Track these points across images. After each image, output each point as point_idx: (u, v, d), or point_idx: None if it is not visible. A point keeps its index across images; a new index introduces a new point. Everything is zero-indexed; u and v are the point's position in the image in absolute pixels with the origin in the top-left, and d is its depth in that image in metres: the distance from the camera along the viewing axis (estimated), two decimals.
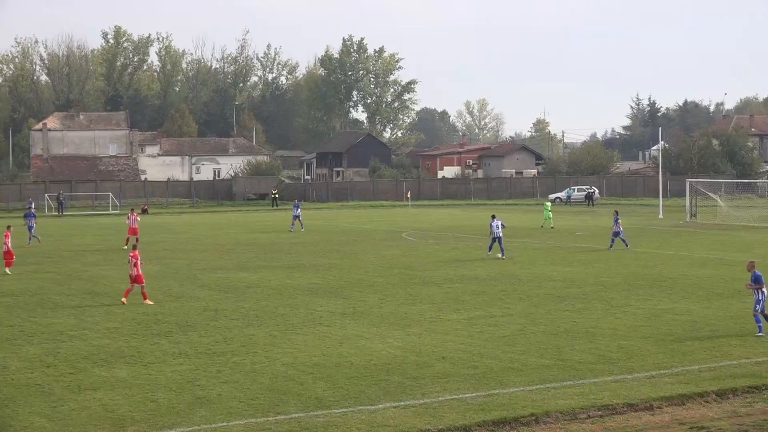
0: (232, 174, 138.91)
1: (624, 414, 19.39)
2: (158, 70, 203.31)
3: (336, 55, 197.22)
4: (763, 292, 26.61)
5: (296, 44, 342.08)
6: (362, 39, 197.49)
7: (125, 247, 55.08)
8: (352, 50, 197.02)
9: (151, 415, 19.11)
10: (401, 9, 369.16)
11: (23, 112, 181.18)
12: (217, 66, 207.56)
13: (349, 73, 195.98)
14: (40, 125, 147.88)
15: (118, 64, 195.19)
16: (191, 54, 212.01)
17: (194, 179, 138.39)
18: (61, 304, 34.26)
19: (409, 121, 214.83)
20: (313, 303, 33.62)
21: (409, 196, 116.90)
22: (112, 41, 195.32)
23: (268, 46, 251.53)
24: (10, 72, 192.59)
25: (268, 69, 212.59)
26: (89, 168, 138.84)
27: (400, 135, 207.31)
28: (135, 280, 33.86)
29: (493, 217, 49.63)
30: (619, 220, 53.81)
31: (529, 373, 22.43)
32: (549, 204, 75.31)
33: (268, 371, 22.84)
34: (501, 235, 48.43)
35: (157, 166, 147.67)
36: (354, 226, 76.21)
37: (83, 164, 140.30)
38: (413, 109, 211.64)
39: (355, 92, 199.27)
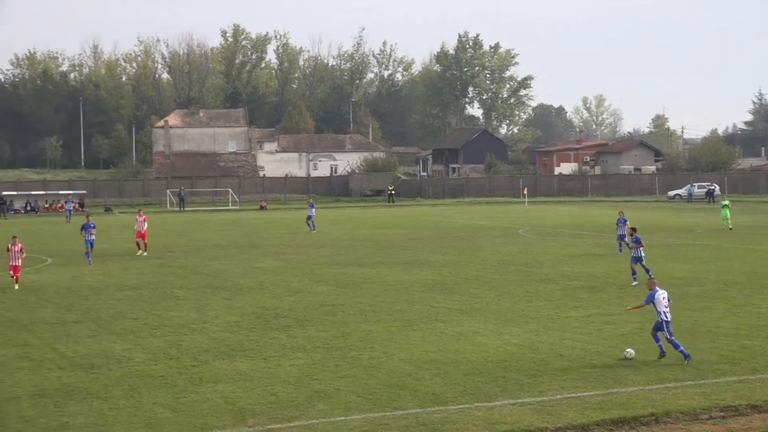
0: (349, 170, 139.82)
1: (747, 416, 18.95)
2: (276, 67, 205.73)
3: (452, 52, 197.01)
4: (660, 312, 23.20)
5: (412, 41, 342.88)
6: (478, 35, 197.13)
7: (138, 253, 50.95)
8: (467, 46, 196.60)
9: (271, 408, 19.33)
10: (518, 3, 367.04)
11: (146, 109, 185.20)
12: (334, 63, 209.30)
13: (465, 69, 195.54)
14: (161, 122, 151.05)
15: (237, 61, 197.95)
16: (308, 51, 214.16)
17: (311, 175, 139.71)
18: (183, 297, 34.94)
19: (525, 117, 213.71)
20: (430, 299, 33.65)
21: (525, 192, 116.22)
22: (230, 39, 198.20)
23: (384, 43, 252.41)
24: (134, 70, 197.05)
25: (383, 65, 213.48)
26: (209, 164, 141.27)
27: (516, 131, 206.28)
28: None
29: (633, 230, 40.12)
30: (628, 223, 46.37)
31: (649, 372, 22.09)
32: (727, 202, 67.21)
33: (385, 366, 22.92)
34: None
35: (275, 162, 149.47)
36: (470, 222, 76.04)
37: (203, 161, 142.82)
38: (529, 105, 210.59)
39: (470, 88, 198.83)
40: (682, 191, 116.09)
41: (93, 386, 21.30)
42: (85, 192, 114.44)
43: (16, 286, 37.43)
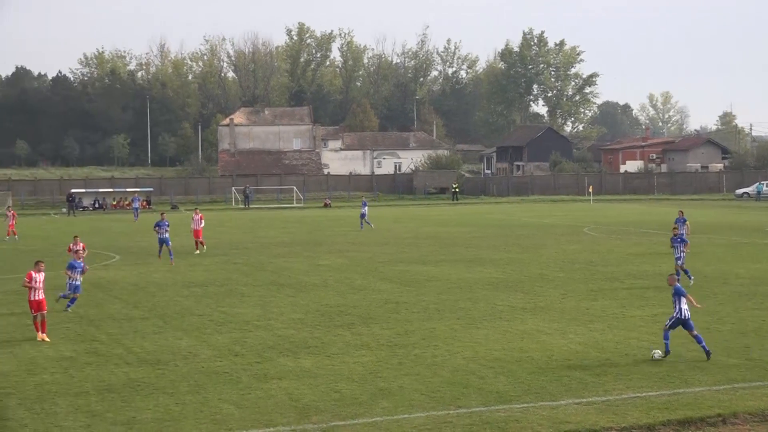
0: (413, 168, 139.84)
1: None
2: (340, 65, 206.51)
3: (516, 49, 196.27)
4: (678, 309, 23.45)
5: (476, 38, 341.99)
6: (542, 32, 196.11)
7: (196, 252, 50.16)
8: (532, 43, 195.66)
9: (335, 405, 19.41)
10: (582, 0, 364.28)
11: (211, 107, 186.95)
12: (398, 61, 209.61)
13: (530, 66, 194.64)
14: (227, 120, 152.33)
15: (302, 60, 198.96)
16: (372, 49, 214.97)
17: (375, 173, 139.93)
18: (248, 294, 35.17)
19: (590, 114, 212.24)
20: (494, 297, 33.55)
21: (590, 190, 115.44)
22: (295, 38, 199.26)
23: (448, 41, 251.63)
24: (200, 69, 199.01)
25: (448, 63, 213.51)
26: (274, 162, 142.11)
27: (581, 129, 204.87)
28: (39, 306, 26.94)
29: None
30: (687, 222, 44.89)
31: (716, 372, 21.83)
32: None
33: (448, 364, 22.90)
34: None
35: (339, 160, 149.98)
36: (534, 220, 75.70)
37: (268, 158, 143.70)
38: (595, 103, 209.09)
39: (535, 86, 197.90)
40: (750, 189, 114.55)
41: (159, 382, 21.55)
42: (151, 189, 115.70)
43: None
